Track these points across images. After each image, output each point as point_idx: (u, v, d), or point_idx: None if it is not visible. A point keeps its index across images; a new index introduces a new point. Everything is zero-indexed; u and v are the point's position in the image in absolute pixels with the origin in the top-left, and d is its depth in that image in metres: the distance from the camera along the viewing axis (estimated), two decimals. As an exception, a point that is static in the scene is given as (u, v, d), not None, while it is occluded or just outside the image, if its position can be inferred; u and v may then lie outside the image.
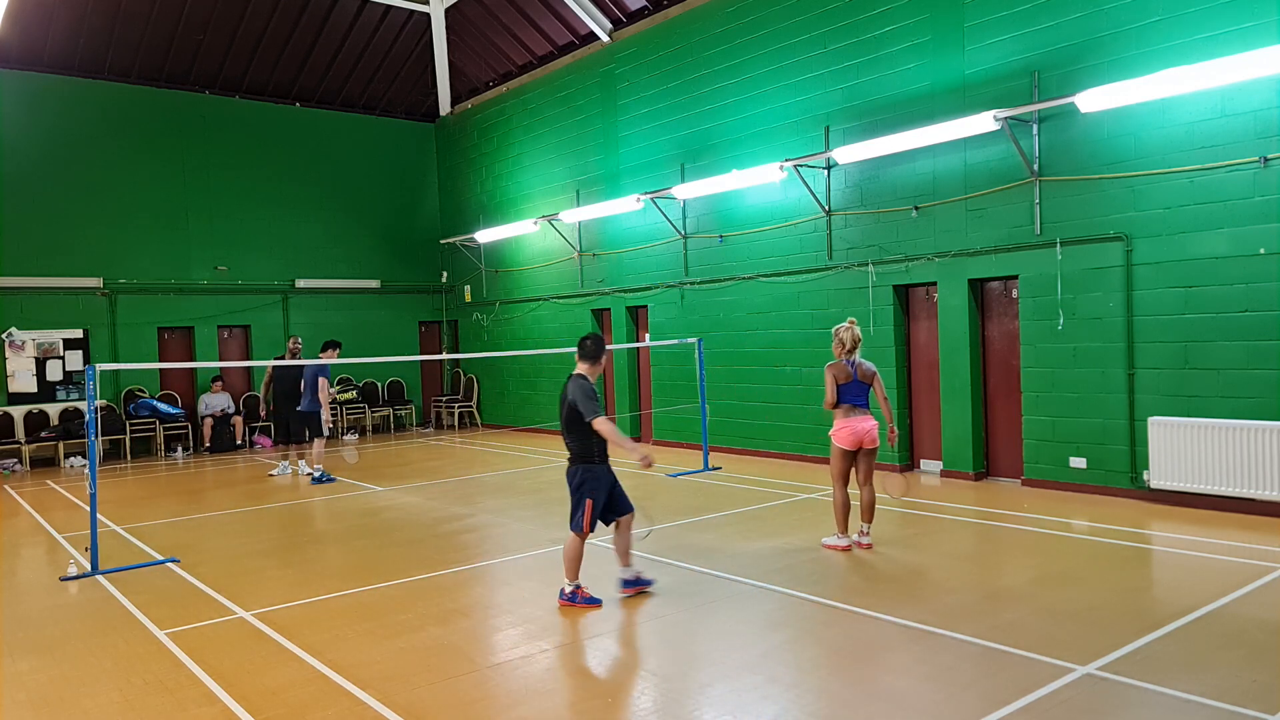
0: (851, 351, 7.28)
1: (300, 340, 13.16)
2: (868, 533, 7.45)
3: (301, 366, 12.34)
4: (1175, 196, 8.47)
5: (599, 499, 6.12)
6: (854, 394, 7.28)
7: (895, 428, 7.66)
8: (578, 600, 6.15)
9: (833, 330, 7.43)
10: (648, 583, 6.44)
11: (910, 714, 4.30)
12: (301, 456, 12.88)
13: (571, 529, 6.17)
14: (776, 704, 4.50)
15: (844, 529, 7.37)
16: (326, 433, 12.58)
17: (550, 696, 4.67)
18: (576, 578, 6.20)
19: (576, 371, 6.22)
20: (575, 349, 6.32)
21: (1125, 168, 8.80)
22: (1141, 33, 8.60)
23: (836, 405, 7.32)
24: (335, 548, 8.28)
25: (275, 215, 17.82)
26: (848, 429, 7.27)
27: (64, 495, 11.93)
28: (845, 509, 7.35)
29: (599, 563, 7.05)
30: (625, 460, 8.44)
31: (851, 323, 7.38)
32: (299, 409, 12.47)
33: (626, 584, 6.37)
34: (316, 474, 12.16)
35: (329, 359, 12.14)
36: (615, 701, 4.59)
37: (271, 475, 12.85)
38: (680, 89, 13.66)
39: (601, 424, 5.93)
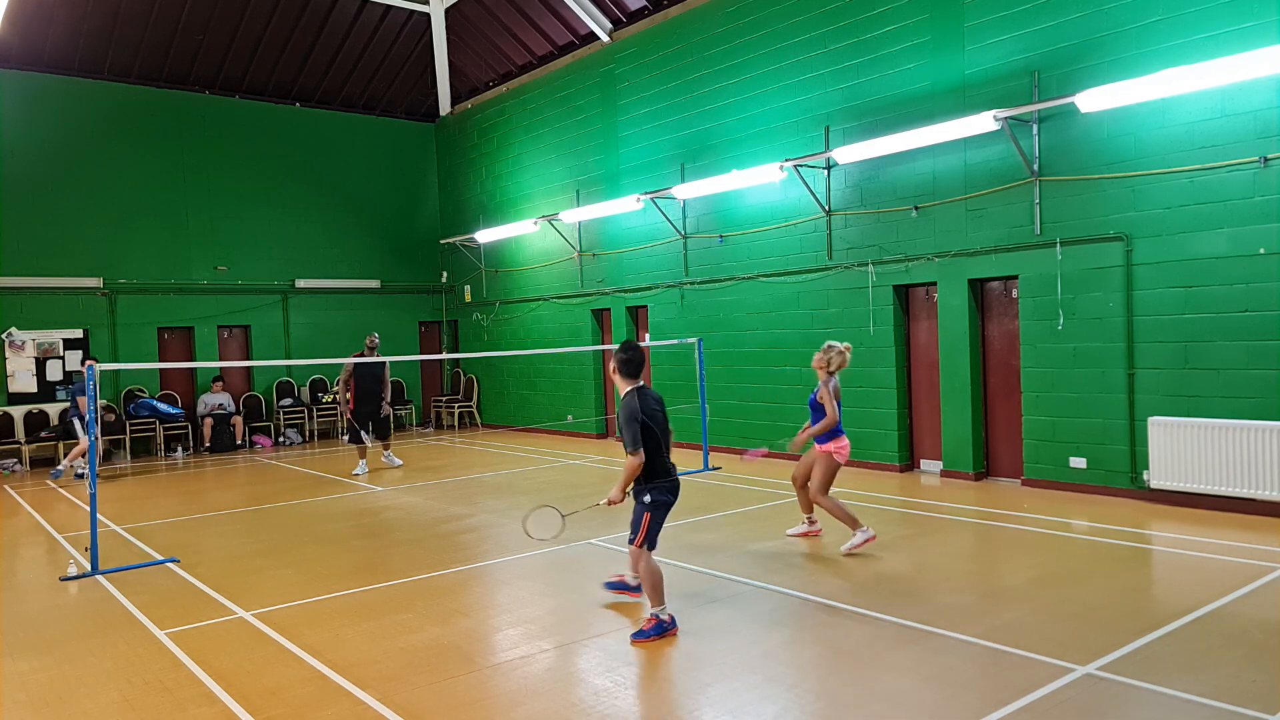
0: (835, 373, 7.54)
1: (377, 336, 13.23)
2: (815, 521, 7.90)
3: (381, 364, 12.76)
4: (1175, 196, 8.47)
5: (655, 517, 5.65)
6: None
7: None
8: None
9: (845, 351, 7.49)
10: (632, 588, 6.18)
11: (910, 714, 4.30)
12: (387, 447, 13.31)
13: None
14: (776, 704, 4.50)
15: (857, 523, 7.27)
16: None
17: (550, 696, 4.67)
18: (655, 602, 5.59)
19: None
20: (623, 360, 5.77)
21: (1125, 168, 8.80)
22: (1141, 33, 8.60)
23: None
24: (335, 548, 8.28)
25: (275, 215, 17.82)
26: (847, 446, 7.51)
27: (64, 495, 11.93)
28: (844, 509, 7.35)
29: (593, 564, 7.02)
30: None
31: (848, 347, 7.60)
32: (381, 402, 12.85)
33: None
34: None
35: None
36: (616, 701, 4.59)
37: (355, 475, 12.57)
38: (680, 89, 13.66)
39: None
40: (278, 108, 18.02)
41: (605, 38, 15.16)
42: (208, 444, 16.10)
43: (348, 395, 12.88)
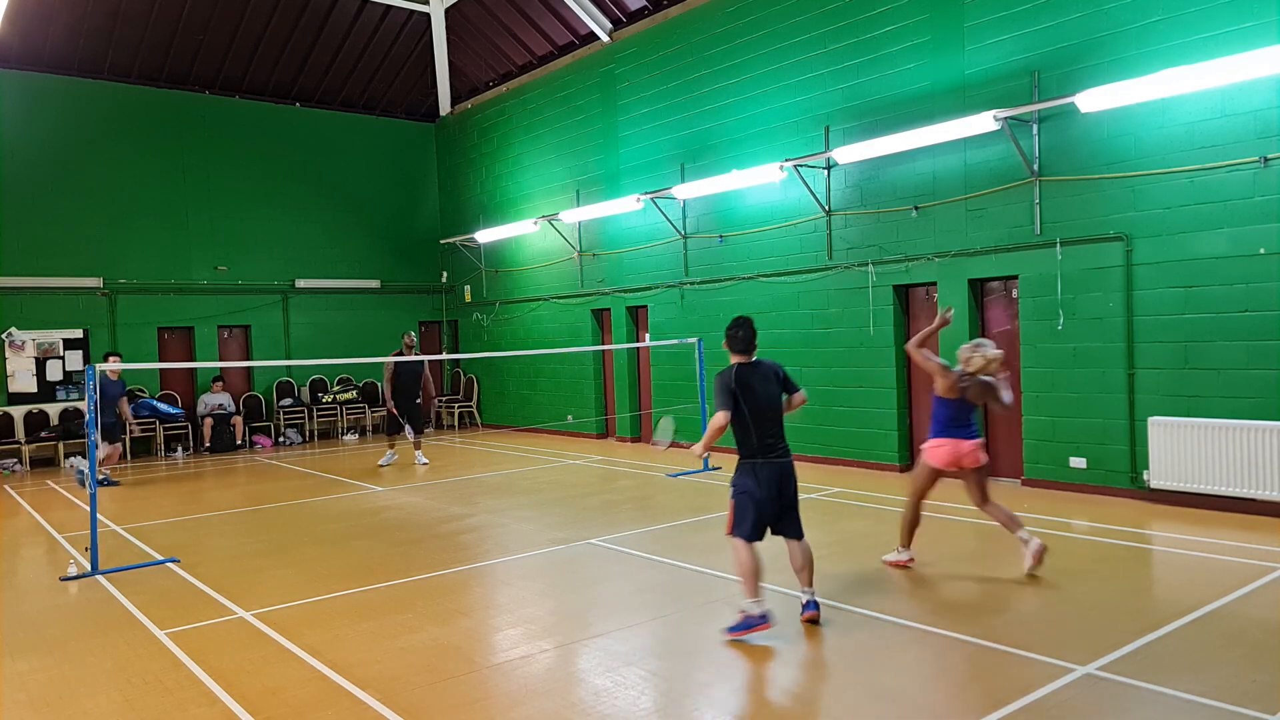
0: (974, 374, 6.56)
1: (414, 335, 14.04)
2: (1029, 538, 6.44)
3: (420, 362, 13.47)
4: (1175, 196, 8.47)
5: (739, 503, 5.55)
6: (959, 411, 6.62)
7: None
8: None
9: (991, 361, 6.56)
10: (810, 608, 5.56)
11: (910, 714, 4.30)
12: (418, 446, 13.65)
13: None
14: (776, 704, 4.50)
15: (908, 543, 6.85)
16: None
17: (550, 696, 4.67)
18: (748, 594, 5.44)
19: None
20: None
21: (1125, 168, 8.80)
22: (1141, 33, 8.60)
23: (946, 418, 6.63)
24: (335, 548, 8.27)
25: (275, 215, 17.82)
26: (948, 445, 6.57)
27: (64, 495, 11.93)
28: (914, 525, 6.82)
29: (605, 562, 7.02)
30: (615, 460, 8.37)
31: (995, 358, 6.59)
32: (417, 402, 13.55)
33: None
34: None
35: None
36: (616, 700, 4.59)
37: (381, 465, 13.44)
38: (680, 89, 13.65)
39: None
40: (278, 108, 18.02)
41: (605, 38, 15.15)
42: (208, 444, 16.09)
43: (389, 392, 13.46)
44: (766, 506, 5.54)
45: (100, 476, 12.36)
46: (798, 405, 5.81)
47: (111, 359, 12.67)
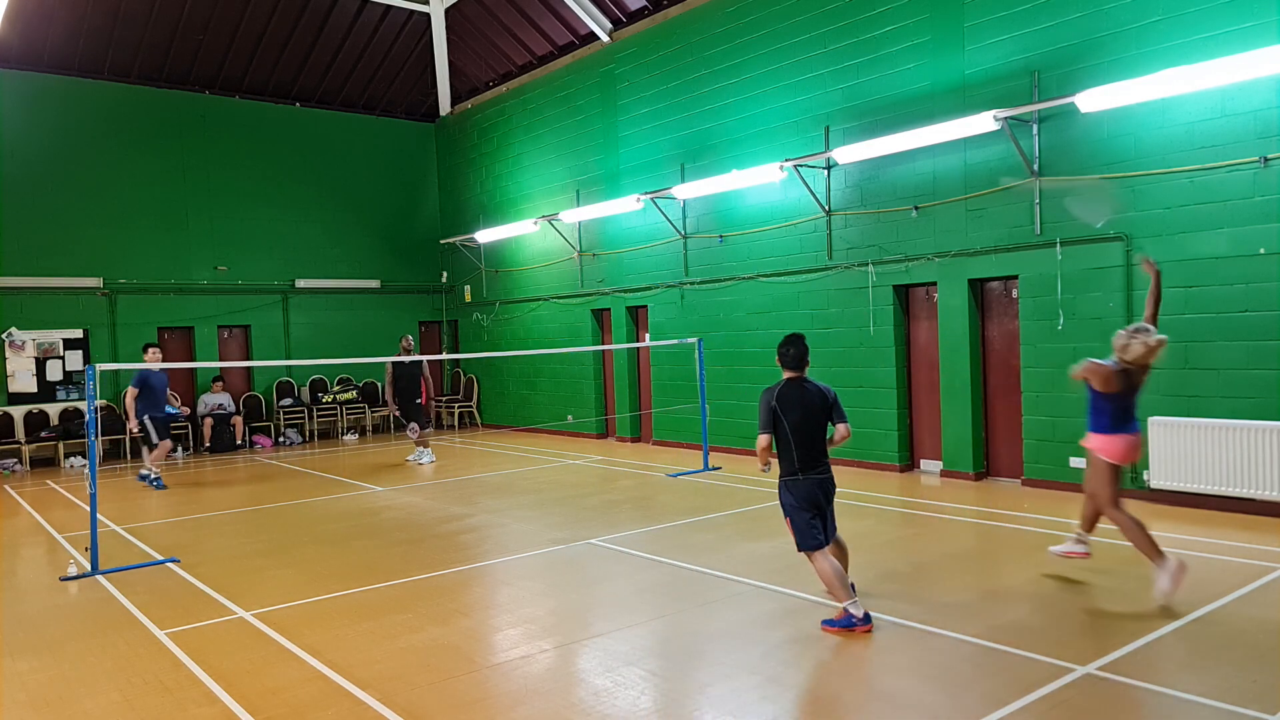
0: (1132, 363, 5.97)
1: (411, 338, 14.37)
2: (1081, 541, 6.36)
3: (417, 363, 13.76)
4: (1175, 196, 8.47)
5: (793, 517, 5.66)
6: (1125, 402, 6.08)
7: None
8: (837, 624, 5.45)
9: (1144, 347, 5.89)
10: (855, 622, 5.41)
11: (910, 714, 4.30)
12: (423, 444, 13.86)
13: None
14: (776, 704, 4.50)
15: (1159, 554, 5.82)
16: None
17: (550, 696, 4.67)
18: (842, 597, 5.48)
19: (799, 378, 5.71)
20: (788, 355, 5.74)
21: (1125, 168, 8.80)
22: (1141, 33, 8.60)
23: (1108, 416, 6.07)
24: (335, 548, 8.28)
25: (275, 215, 17.82)
26: (1121, 440, 6.04)
27: (64, 495, 11.93)
28: (1144, 529, 5.98)
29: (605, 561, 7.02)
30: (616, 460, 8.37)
31: (1158, 344, 5.91)
32: (416, 402, 13.81)
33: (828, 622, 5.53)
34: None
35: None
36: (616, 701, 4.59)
37: (419, 461, 13.68)
38: (680, 89, 13.65)
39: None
40: (278, 108, 18.02)
41: (605, 38, 15.15)
42: (208, 444, 16.09)
43: (391, 395, 13.79)
44: (815, 514, 5.64)
45: (154, 474, 12.23)
46: (841, 439, 5.69)
47: (151, 350, 12.00)
